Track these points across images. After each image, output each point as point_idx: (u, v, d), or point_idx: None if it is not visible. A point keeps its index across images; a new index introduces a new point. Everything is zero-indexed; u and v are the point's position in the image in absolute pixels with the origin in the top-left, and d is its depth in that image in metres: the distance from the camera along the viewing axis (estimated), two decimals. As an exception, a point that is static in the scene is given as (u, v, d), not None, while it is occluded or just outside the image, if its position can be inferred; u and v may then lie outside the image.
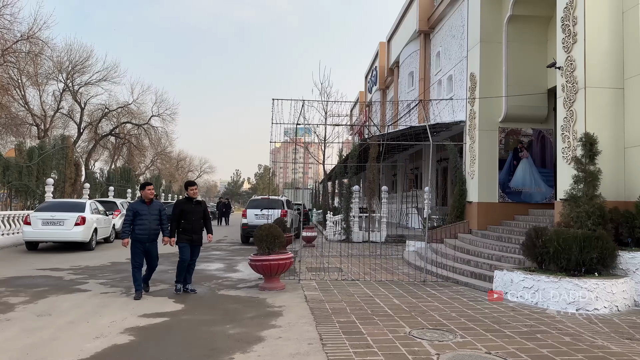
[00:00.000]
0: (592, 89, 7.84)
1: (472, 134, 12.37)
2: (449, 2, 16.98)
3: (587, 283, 6.22)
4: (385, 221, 16.82)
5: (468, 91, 12.63)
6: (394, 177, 28.18)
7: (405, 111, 21.64)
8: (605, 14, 7.91)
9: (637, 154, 7.53)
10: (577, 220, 7.20)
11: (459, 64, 16.23)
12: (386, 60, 28.27)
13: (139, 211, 7.12)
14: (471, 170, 12.38)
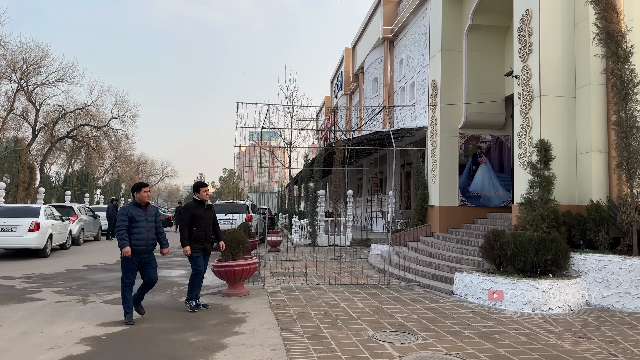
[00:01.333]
0: (547, 97, 8.19)
1: (433, 139, 12.66)
2: (412, 10, 17.36)
3: (542, 284, 6.47)
4: (351, 225, 16.94)
5: (430, 98, 12.93)
6: (359, 181, 28.47)
7: (370, 116, 21.92)
8: (559, 26, 8.29)
9: (587, 160, 7.91)
10: (532, 224, 7.49)
11: (422, 71, 16.62)
12: (351, 66, 28.59)
13: (135, 217, 5.95)
14: (433, 174, 12.66)
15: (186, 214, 6.65)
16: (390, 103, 20.83)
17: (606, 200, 7.52)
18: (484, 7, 11.48)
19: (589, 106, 7.94)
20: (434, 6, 12.82)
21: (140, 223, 5.99)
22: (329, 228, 16.80)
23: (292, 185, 27.01)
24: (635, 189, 7.00)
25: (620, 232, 7.12)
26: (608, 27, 7.33)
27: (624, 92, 7.20)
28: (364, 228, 22.87)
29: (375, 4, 21.77)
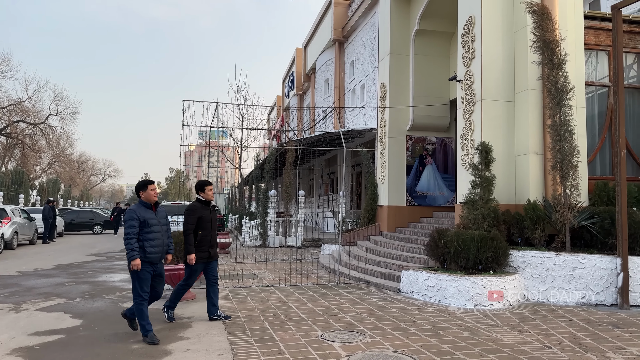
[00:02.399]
0: (488, 102, 8.55)
1: (382, 140, 12.90)
2: (362, 13, 17.60)
3: (483, 280, 6.74)
4: (302, 225, 16.94)
5: (379, 100, 13.17)
6: (311, 182, 28.54)
7: (321, 117, 22.02)
8: (499, 33, 8.67)
9: (525, 162, 8.33)
10: (474, 222, 7.79)
11: (371, 74, 16.89)
12: (303, 66, 28.62)
13: (147, 220, 5.16)
14: (382, 175, 12.90)
15: (192, 217, 5.82)
16: (341, 104, 21.04)
17: (542, 200, 7.95)
18: (430, 12, 11.84)
19: (527, 110, 8.35)
20: (382, 10, 13.07)
21: (155, 227, 5.22)
22: (280, 229, 16.71)
23: (242, 185, 26.65)
24: (568, 189, 7.44)
25: (555, 229, 7.55)
26: (544, 35, 7.76)
27: (558, 98, 7.64)
28: (316, 228, 22.95)
29: (326, 5, 21.90)
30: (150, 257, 5.14)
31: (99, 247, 17.60)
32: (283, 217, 16.86)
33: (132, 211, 5.19)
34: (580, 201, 7.68)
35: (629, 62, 9.98)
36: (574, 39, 8.45)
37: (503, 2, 8.65)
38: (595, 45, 9.52)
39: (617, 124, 7.17)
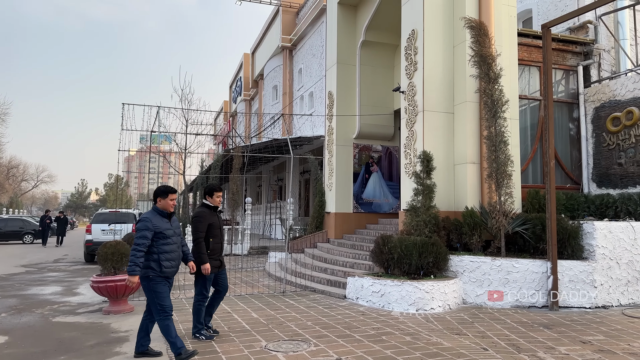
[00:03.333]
0: (429, 113, 8.85)
1: (330, 148, 13.02)
2: (310, 22, 17.76)
3: (424, 285, 6.93)
4: (249, 233, 16.70)
5: (327, 108, 13.30)
6: (259, 189, 28.28)
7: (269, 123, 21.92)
8: (440, 46, 9.02)
9: (463, 171, 8.68)
10: (417, 228, 8.02)
11: (319, 82, 17.05)
12: (251, 72, 28.43)
13: (164, 231, 4.70)
14: (330, 182, 13.01)
15: (203, 224, 5.43)
16: (290, 111, 21.07)
17: (479, 207, 8.32)
18: (376, 24, 12.14)
19: (465, 122, 8.72)
20: (329, 20, 13.25)
21: (172, 238, 4.77)
22: (226, 237, 16.38)
23: (186, 192, 25.91)
24: (503, 197, 7.84)
25: (491, 235, 7.91)
26: (481, 50, 8.17)
27: (494, 110, 8.05)
28: (263, 236, 22.73)
29: (274, 12, 21.92)
30: (166, 272, 4.72)
31: (29, 257, 16.45)
32: (229, 225, 16.55)
33: (146, 220, 4.65)
34: (514, 208, 8.11)
35: (558, 78, 10.71)
36: (509, 55, 8.95)
37: (444, 17, 9.02)
38: (527, 61, 10.14)
39: (547, 135, 7.65)
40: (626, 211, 8.46)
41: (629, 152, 9.41)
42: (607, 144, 9.86)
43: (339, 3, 12.68)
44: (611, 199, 8.81)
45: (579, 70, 10.59)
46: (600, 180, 10.00)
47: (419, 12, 8.97)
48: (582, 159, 10.40)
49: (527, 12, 12.78)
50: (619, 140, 9.62)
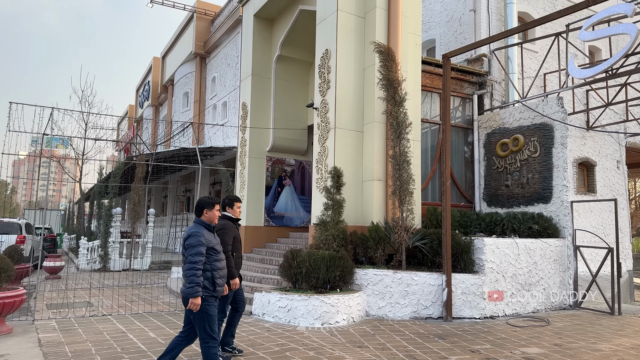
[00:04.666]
0: (340, 130, 9.10)
1: (242, 160, 12.83)
2: (225, 31, 17.53)
3: (330, 299, 7.03)
4: (151, 247, 15.78)
5: (240, 119, 13.12)
6: (165, 199, 26.96)
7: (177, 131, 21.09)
8: (352, 67, 9.36)
9: (370, 187, 9.02)
10: (325, 243, 8.14)
11: (234, 92, 16.82)
12: (160, 77, 27.24)
13: (214, 246, 4.36)
14: (240, 195, 12.77)
15: (229, 236, 5.03)
16: (201, 120, 20.48)
17: (384, 222, 8.68)
18: (291, 40, 12.29)
19: (373, 140, 9.10)
20: (245, 31, 13.17)
21: (221, 254, 4.44)
22: (125, 250, 15.32)
23: (82, 201, 23.91)
24: (405, 213, 8.26)
25: (394, 249, 8.28)
26: (389, 75, 8.62)
27: (398, 131, 8.50)
28: (167, 250, 21.64)
29: (188, 18, 21.32)
30: (219, 291, 4.36)
31: None
32: (129, 238, 15.52)
33: (199, 234, 4.23)
34: (415, 224, 8.58)
35: (456, 104, 11.63)
36: (413, 80, 9.54)
37: (356, 39, 9.39)
38: (430, 87, 10.89)
39: (445, 157, 8.24)
40: (511, 228, 9.35)
41: (515, 175, 10.45)
42: (497, 167, 10.86)
43: (255, 15, 12.66)
44: (499, 217, 9.69)
45: (474, 99, 11.59)
46: (490, 199, 10.96)
47: (333, 33, 9.25)
48: (475, 179, 11.34)
49: (431, 41, 13.78)
50: (506, 164, 10.64)
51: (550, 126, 9.79)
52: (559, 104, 9.74)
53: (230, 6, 18.63)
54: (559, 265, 9.06)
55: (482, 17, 11.86)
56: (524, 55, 12.04)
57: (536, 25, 8.44)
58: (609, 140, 11.06)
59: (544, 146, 9.82)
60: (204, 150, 15.48)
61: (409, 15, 9.56)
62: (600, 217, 10.27)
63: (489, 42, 9.78)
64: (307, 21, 11.42)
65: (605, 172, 10.83)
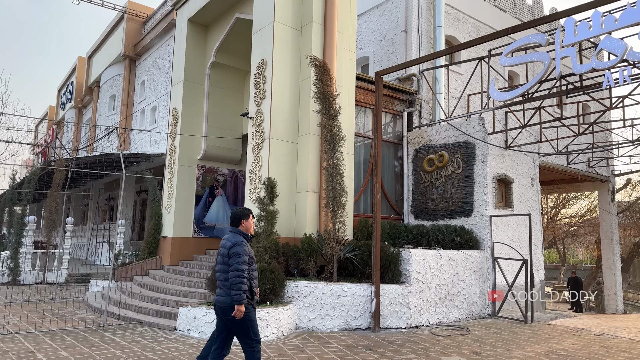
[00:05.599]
0: (275, 141, 9.06)
1: (171, 168, 12.35)
2: (158, 34, 16.96)
3: (260, 312, 6.88)
4: (68, 258, 14.65)
5: (170, 125, 12.66)
6: (86, 207, 25.28)
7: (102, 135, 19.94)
8: (288, 79, 9.38)
9: (303, 199, 9.03)
10: (257, 254, 8.00)
11: (164, 97, 16.23)
12: (85, 78, 25.72)
13: (253, 256, 4.53)
14: (169, 204, 12.27)
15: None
16: (129, 124, 19.55)
17: (316, 234, 8.71)
18: (227, 47, 12.12)
19: (308, 152, 9.15)
20: (178, 36, 12.80)
21: (254, 265, 4.52)
22: (39, 262, 14.11)
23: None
24: (337, 225, 8.34)
25: (325, 261, 8.32)
26: (323, 88, 8.73)
27: (332, 144, 8.62)
28: (87, 261, 20.23)
29: (118, 18, 20.38)
30: (256, 299, 4.51)
31: None
32: (44, 248, 14.32)
33: (244, 244, 4.43)
34: (346, 235, 8.69)
35: (388, 120, 12.02)
36: (348, 95, 9.75)
37: (292, 51, 9.44)
38: (363, 102, 11.18)
39: (376, 171, 8.46)
40: (436, 240, 9.76)
41: (440, 190, 10.96)
42: (424, 182, 11.34)
43: (190, 20, 12.35)
44: (425, 229, 10.09)
45: (404, 116, 12.06)
46: (417, 212, 11.40)
47: (269, 43, 9.23)
48: (404, 193, 11.75)
49: (366, 58, 14.20)
50: (432, 179, 11.14)
51: (472, 144, 10.40)
52: (481, 124, 10.39)
53: (164, 9, 18.06)
54: (479, 275, 9.58)
55: (412, 38, 12.42)
56: (450, 76, 12.75)
57: (461, 49, 8.99)
58: (525, 159, 11.96)
59: (466, 163, 10.41)
60: (130, 157, 14.74)
61: (344, 32, 9.78)
62: (517, 230, 11.02)
63: (419, 63, 10.26)
64: (243, 29, 11.32)
65: (521, 189, 11.67)
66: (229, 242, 4.43)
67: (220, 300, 4.36)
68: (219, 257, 4.50)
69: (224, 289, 4.35)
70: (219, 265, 4.48)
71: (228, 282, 4.32)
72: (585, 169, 15.67)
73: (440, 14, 12.55)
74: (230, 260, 4.32)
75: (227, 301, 4.30)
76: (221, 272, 4.42)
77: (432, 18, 12.70)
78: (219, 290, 4.44)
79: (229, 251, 4.38)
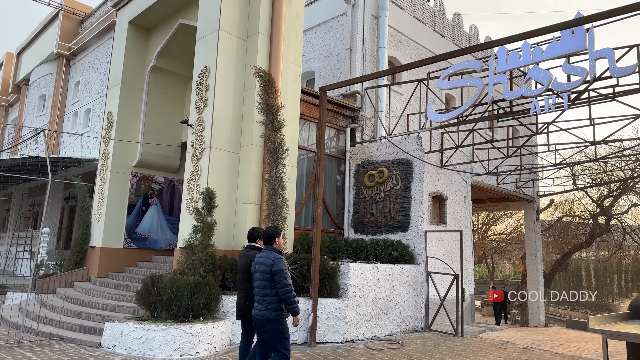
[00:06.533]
0: (216, 150, 8.86)
1: (103, 174, 11.72)
2: (95, 34, 16.22)
3: (192, 328, 6.63)
4: (-19, 268, 13.42)
5: (104, 129, 12.05)
6: (7, 213, 23.38)
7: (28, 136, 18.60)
8: (232, 88, 9.23)
9: (244, 210, 8.87)
10: (191, 268, 7.73)
11: (100, 99, 15.49)
12: (13, 75, 24.01)
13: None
14: (98, 212, 11.60)
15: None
16: (59, 127, 18.41)
17: (255, 247, 8.55)
18: (169, 52, 11.78)
19: (250, 163, 9.01)
20: (118, 37, 12.29)
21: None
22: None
23: None
24: (277, 238, 8.24)
25: (263, 275, 8.17)
26: (268, 100, 8.70)
27: (275, 156, 8.57)
28: (4, 272, 18.64)
29: (53, 15, 19.28)
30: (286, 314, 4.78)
31: None
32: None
33: (282, 260, 4.74)
34: (287, 249, 8.63)
35: (331, 135, 12.17)
36: (292, 108, 9.77)
37: (237, 61, 9.33)
38: (308, 116, 11.25)
39: (318, 184, 8.50)
40: (374, 255, 9.92)
41: (379, 205, 11.20)
42: (364, 196, 11.54)
43: (131, 23, 11.90)
44: (364, 243, 10.23)
45: (347, 131, 12.27)
46: (357, 226, 11.56)
47: (213, 51, 9.08)
48: (345, 207, 11.89)
49: (311, 73, 14.35)
50: (372, 194, 11.37)
51: (410, 162, 10.75)
52: (419, 143, 10.78)
53: (104, 9, 17.31)
54: (413, 289, 9.84)
55: (357, 56, 12.72)
56: (392, 95, 13.16)
57: (403, 70, 9.31)
58: (458, 178, 12.52)
59: (404, 180, 10.73)
60: (58, 161, 13.84)
61: (290, 45, 9.83)
62: (449, 245, 11.47)
63: (362, 81, 10.50)
64: (187, 35, 11.07)
65: (454, 206, 12.18)
66: (269, 260, 4.72)
67: (259, 313, 4.68)
68: (257, 274, 4.78)
69: (264, 304, 4.68)
70: (258, 282, 4.77)
71: (269, 298, 4.65)
72: (513, 189, 16.68)
73: (384, 35, 12.98)
74: (276, 277, 4.64)
75: (266, 315, 4.64)
76: (261, 288, 4.73)
77: (376, 39, 13.10)
78: (258, 304, 4.75)
79: (271, 268, 4.67)
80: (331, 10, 13.88)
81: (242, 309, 5.33)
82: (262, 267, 4.72)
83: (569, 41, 7.20)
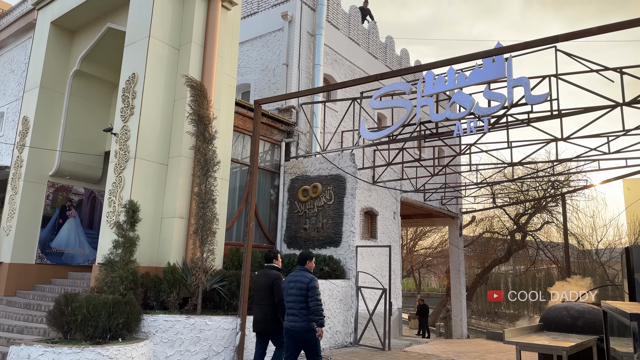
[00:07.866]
0: (142, 161, 8.45)
1: (15, 183, 10.77)
2: (13, 33, 15.06)
3: (109, 350, 6.19)
4: None
5: (19, 135, 11.10)
6: None
7: None
8: (161, 97, 8.88)
9: (170, 225, 8.48)
10: (111, 285, 7.23)
11: (15, 103, 14.31)
12: None
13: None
14: (8, 225, 10.60)
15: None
16: (-35, 130, 16.68)
17: (182, 263, 8.21)
18: (95, 57, 11.16)
19: (178, 175, 8.66)
20: (38, 38, 11.46)
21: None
22: None
23: None
24: (205, 253, 7.98)
25: (190, 292, 7.84)
26: (199, 110, 8.45)
27: (206, 169, 8.32)
28: None
29: (-36, 7, 17.62)
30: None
31: None
32: None
33: (316, 280, 5.67)
34: (215, 265, 8.35)
35: (266, 149, 12.09)
36: (226, 120, 9.58)
37: (168, 69, 9.02)
38: (242, 129, 11.10)
39: (251, 198, 8.35)
40: (305, 270, 9.88)
41: (312, 220, 11.23)
42: (298, 211, 11.52)
43: (53, 23, 11.15)
44: (297, 258, 10.16)
45: (282, 145, 12.25)
46: (290, 241, 11.49)
47: (142, 58, 8.72)
48: (278, 221, 11.80)
49: (247, 85, 14.23)
50: (306, 209, 11.38)
51: (343, 178, 10.92)
52: (352, 160, 10.99)
53: (24, 7, 16.10)
54: (344, 304, 9.91)
55: (293, 72, 12.81)
56: (327, 112, 13.37)
57: (337, 88, 9.49)
58: (389, 194, 12.91)
59: (337, 195, 10.87)
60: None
61: (225, 57, 9.69)
62: (379, 260, 11.73)
63: (298, 96, 10.58)
64: (114, 40, 10.55)
65: (384, 221, 12.52)
66: (306, 278, 5.62)
67: (297, 325, 5.48)
68: (293, 290, 5.61)
69: (300, 316, 5.49)
70: (293, 297, 5.59)
71: (305, 311, 5.46)
72: (438, 206, 17.47)
73: (320, 53, 13.21)
74: (310, 292, 5.50)
75: (304, 326, 5.46)
76: (296, 302, 5.55)
77: (312, 56, 13.29)
78: (294, 317, 5.53)
79: (307, 285, 5.55)
80: (268, 24, 13.91)
81: (261, 322, 6.30)
82: (299, 284, 5.59)
83: (490, 69, 7.72)
